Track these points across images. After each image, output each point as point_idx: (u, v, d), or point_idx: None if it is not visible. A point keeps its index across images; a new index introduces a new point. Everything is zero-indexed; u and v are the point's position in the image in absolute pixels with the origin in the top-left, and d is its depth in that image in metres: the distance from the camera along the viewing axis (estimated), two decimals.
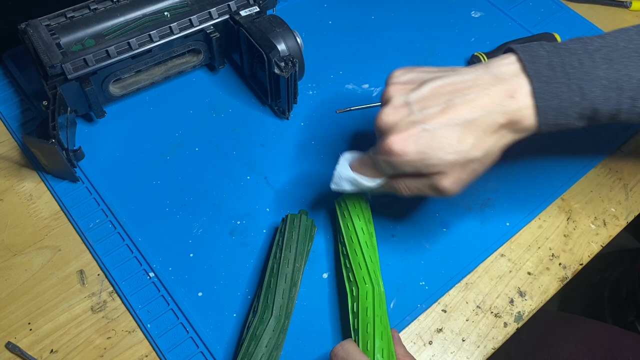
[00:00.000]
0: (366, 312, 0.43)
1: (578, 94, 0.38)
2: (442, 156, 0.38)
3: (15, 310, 0.48)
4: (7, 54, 0.63)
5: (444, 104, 0.39)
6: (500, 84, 0.38)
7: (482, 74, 0.40)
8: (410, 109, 0.39)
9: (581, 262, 0.52)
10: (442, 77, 0.40)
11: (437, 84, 0.40)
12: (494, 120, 0.38)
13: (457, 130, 0.38)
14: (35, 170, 0.56)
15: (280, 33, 0.57)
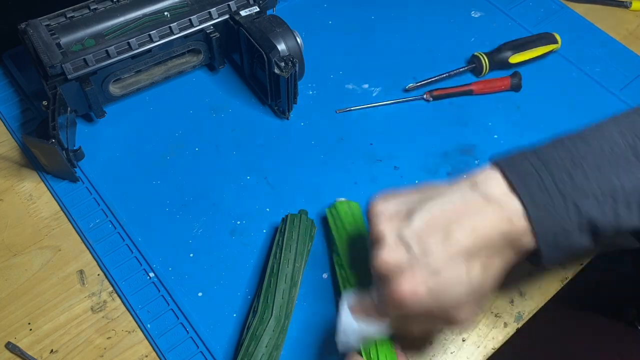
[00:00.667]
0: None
1: (574, 211, 0.36)
2: (455, 294, 0.36)
3: (15, 310, 0.48)
4: (7, 54, 0.63)
5: (442, 237, 0.37)
6: (491, 205, 0.37)
7: (470, 196, 0.38)
8: (408, 248, 0.37)
9: (581, 262, 0.52)
10: (429, 203, 0.38)
11: (427, 214, 0.38)
12: (496, 245, 0.37)
13: (462, 263, 0.36)
14: (35, 170, 0.56)
15: (280, 33, 0.57)
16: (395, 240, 0.38)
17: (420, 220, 0.37)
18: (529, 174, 0.37)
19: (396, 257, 0.37)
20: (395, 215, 0.39)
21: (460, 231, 0.36)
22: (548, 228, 0.36)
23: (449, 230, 0.37)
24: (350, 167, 0.57)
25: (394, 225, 0.38)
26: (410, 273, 0.36)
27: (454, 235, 0.36)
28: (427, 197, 0.39)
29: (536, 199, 0.36)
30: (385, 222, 0.39)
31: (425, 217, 0.37)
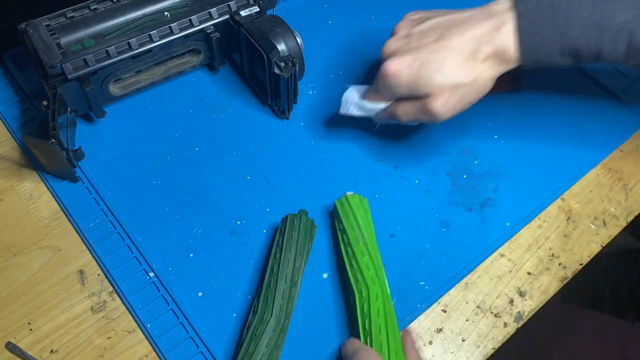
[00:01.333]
0: (377, 313, 0.44)
1: (559, 31, 0.41)
2: (432, 79, 0.44)
3: (15, 310, 0.48)
4: (7, 54, 0.63)
5: (439, 35, 0.44)
6: (490, 18, 0.43)
7: (478, 12, 0.45)
8: (410, 39, 0.46)
9: (581, 262, 0.52)
10: (444, 14, 0.46)
11: (437, 20, 0.46)
12: (482, 50, 0.43)
13: (447, 56, 0.43)
14: (35, 170, 0.56)
15: (280, 33, 0.57)
16: (403, 34, 0.47)
17: (429, 23, 0.46)
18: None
19: (397, 45, 0.47)
20: (415, 20, 0.48)
21: (456, 32, 0.44)
22: (532, 40, 0.42)
23: (447, 31, 0.45)
24: (350, 167, 0.57)
25: (410, 25, 0.48)
26: (400, 55, 0.45)
27: (448, 34, 0.44)
28: (448, 12, 0.47)
29: (529, 14, 0.42)
30: (405, 22, 0.49)
31: (434, 22, 0.46)
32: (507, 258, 0.52)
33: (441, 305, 0.49)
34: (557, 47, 0.42)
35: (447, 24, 0.45)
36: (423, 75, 0.44)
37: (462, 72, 0.44)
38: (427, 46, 0.44)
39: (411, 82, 0.45)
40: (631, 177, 0.58)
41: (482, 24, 0.43)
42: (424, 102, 0.45)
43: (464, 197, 0.55)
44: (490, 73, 0.44)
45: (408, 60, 0.45)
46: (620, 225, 0.55)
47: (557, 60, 0.43)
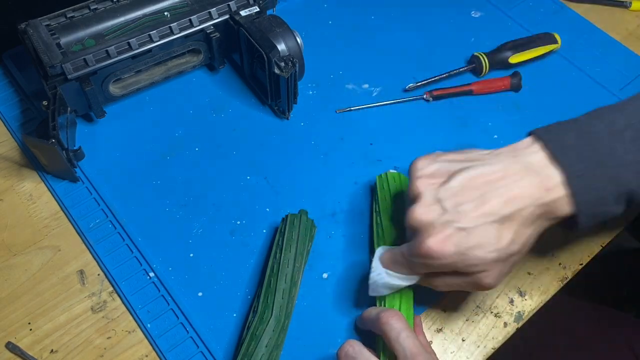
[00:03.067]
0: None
1: (614, 182, 0.37)
2: (483, 255, 0.37)
3: (15, 310, 0.48)
4: (7, 54, 0.63)
5: (477, 200, 0.38)
6: (531, 174, 0.38)
7: (510, 164, 0.39)
8: (443, 207, 0.38)
9: (581, 262, 0.52)
10: (470, 168, 0.39)
11: (466, 176, 0.39)
12: (530, 213, 0.38)
13: (494, 227, 0.37)
14: (35, 170, 0.56)
15: (280, 33, 0.57)
16: (431, 198, 0.39)
17: (459, 182, 0.39)
18: (569, 146, 0.38)
19: (430, 214, 0.39)
20: (435, 175, 0.41)
21: (496, 196, 0.38)
22: (587, 197, 0.37)
23: (485, 194, 0.38)
24: (350, 167, 0.57)
25: (432, 184, 0.40)
26: (440, 229, 0.38)
27: (490, 199, 0.38)
28: (469, 160, 0.40)
29: (576, 169, 0.37)
30: (424, 180, 0.41)
31: (464, 180, 0.39)
32: None
33: (441, 305, 0.49)
34: (613, 199, 0.38)
35: (480, 181, 0.38)
36: (472, 253, 0.37)
37: (513, 241, 0.38)
38: (467, 216, 0.37)
39: (459, 261, 0.38)
40: None
41: (523, 182, 0.38)
42: (475, 278, 0.39)
43: None
44: (538, 232, 0.40)
45: (451, 236, 0.37)
46: (620, 225, 0.55)
47: (613, 210, 0.38)
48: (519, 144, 0.40)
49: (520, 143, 0.40)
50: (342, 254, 0.51)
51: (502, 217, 0.37)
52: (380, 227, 0.49)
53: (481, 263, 0.38)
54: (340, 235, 0.53)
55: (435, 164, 0.41)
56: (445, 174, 0.40)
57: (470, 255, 0.37)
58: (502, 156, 0.39)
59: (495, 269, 0.39)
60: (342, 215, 0.54)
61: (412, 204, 0.40)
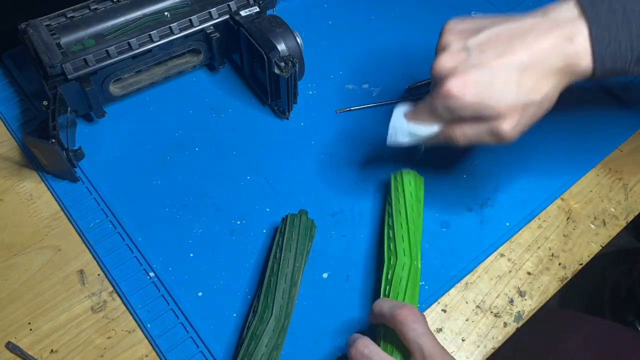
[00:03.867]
0: (400, 282, 0.45)
1: (638, 39, 0.38)
2: (502, 99, 0.39)
3: (15, 310, 0.48)
4: (7, 54, 0.63)
5: (502, 48, 0.39)
6: (558, 28, 0.39)
7: (540, 20, 0.40)
8: (469, 54, 0.40)
9: (581, 262, 0.52)
10: (500, 23, 0.41)
11: (494, 29, 0.40)
12: (552, 64, 0.39)
13: (516, 73, 0.39)
14: (35, 170, 0.56)
15: (280, 33, 0.57)
16: (458, 48, 0.41)
17: (486, 34, 0.40)
18: (601, 2, 0.38)
19: (454, 61, 0.40)
20: (465, 31, 0.42)
21: (522, 47, 0.39)
22: (608, 50, 0.38)
23: (511, 43, 0.39)
24: (350, 167, 0.57)
25: (461, 37, 0.41)
26: (463, 73, 0.39)
27: (513, 47, 0.39)
28: (498, 19, 0.42)
29: (602, 21, 0.38)
30: (454, 34, 0.42)
31: (492, 32, 0.40)
32: (507, 258, 0.52)
33: (441, 305, 0.49)
34: (635, 54, 0.38)
35: (508, 34, 0.40)
36: (492, 96, 0.39)
37: (533, 89, 0.39)
38: (491, 61, 0.39)
39: (478, 102, 0.39)
40: (631, 177, 0.58)
41: (549, 34, 0.39)
42: (492, 124, 0.40)
43: (464, 197, 0.55)
44: (559, 87, 0.41)
45: (473, 78, 0.39)
46: (620, 225, 0.55)
47: (632, 69, 0.40)
48: (553, 4, 0.41)
49: (553, 4, 0.41)
50: (342, 254, 0.51)
51: (524, 65, 0.39)
52: (392, 229, 0.49)
53: (499, 106, 0.39)
54: (340, 235, 0.53)
55: (466, 22, 0.43)
56: (475, 30, 0.41)
57: (490, 96, 0.39)
58: (534, 15, 0.41)
59: (513, 116, 0.39)
60: (342, 215, 0.54)
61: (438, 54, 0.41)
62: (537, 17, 0.40)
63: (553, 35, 0.39)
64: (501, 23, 0.41)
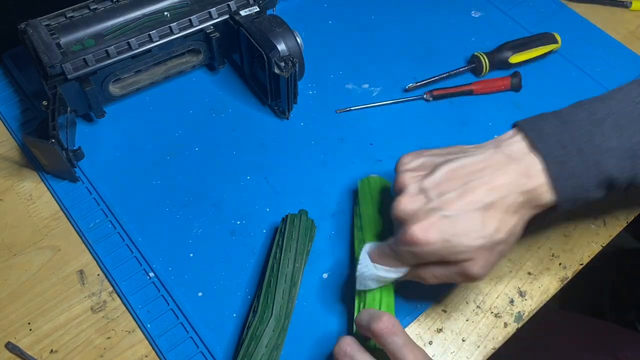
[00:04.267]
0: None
1: (594, 169, 0.38)
2: (468, 242, 0.38)
3: (15, 310, 0.48)
4: (7, 54, 0.63)
5: (460, 188, 0.38)
6: (513, 163, 0.38)
7: (492, 154, 0.39)
8: (427, 196, 0.39)
9: (581, 262, 0.52)
10: (453, 160, 0.40)
11: (449, 167, 0.40)
12: (514, 200, 0.38)
13: (478, 214, 0.38)
14: (35, 170, 0.56)
15: (280, 33, 0.57)
16: (416, 189, 0.40)
17: (442, 172, 0.40)
18: (549, 133, 0.39)
19: (414, 204, 0.39)
20: (420, 168, 0.42)
21: (480, 185, 0.38)
22: (567, 183, 0.38)
23: (469, 183, 0.38)
24: (350, 167, 0.57)
25: (417, 176, 0.41)
26: (425, 217, 0.38)
27: (473, 188, 0.38)
28: (453, 153, 0.41)
29: (556, 155, 0.38)
30: (409, 173, 0.42)
31: (448, 170, 0.40)
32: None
33: (441, 305, 0.49)
34: (594, 184, 0.38)
35: (464, 172, 0.39)
36: (457, 240, 0.38)
37: (498, 229, 0.38)
38: (451, 204, 0.38)
39: (444, 248, 0.38)
40: None
41: (504, 170, 0.38)
42: (462, 267, 0.39)
43: None
44: (523, 221, 0.40)
45: (435, 223, 0.38)
46: (620, 225, 0.55)
47: (593, 195, 0.39)
48: (502, 136, 0.41)
49: (503, 135, 0.41)
50: (342, 254, 0.51)
51: (485, 205, 0.38)
52: (360, 229, 0.49)
53: (467, 250, 0.38)
54: (341, 235, 0.53)
55: (420, 158, 0.42)
56: (429, 167, 0.41)
57: (456, 242, 0.38)
58: (486, 148, 0.41)
59: (481, 257, 0.39)
60: (342, 215, 0.54)
61: (397, 196, 0.41)
62: (488, 151, 0.40)
63: (509, 171, 0.38)
64: (455, 159, 0.40)
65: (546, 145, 0.38)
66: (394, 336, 0.37)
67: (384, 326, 0.37)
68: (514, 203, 0.38)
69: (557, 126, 0.39)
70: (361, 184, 0.52)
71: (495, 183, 0.38)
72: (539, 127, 0.39)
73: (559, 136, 0.38)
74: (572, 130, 0.38)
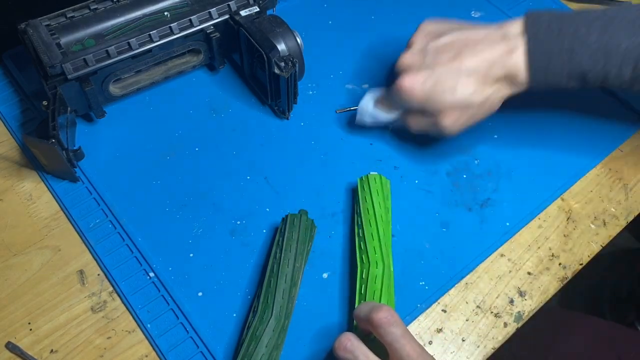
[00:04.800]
0: (375, 280, 0.45)
1: (567, 55, 0.42)
2: (444, 98, 0.45)
3: (15, 310, 0.48)
4: (7, 54, 0.63)
5: (453, 54, 0.45)
6: (504, 41, 0.45)
7: (492, 32, 0.46)
8: (425, 56, 0.47)
9: (581, 262, 0.52)
10: (460, 30, 0.47)
11: (452, 36, 0.47)
12: (494, 72, 0.45)
13: (460, 77, 0.45)
14: (35, 170, 0.56)
15: (280, 33, 0.57)
16: (419, 49, 0.48)
17: (444, 39, 0.47)
18: (543, 21, 0.44)
19: (412, 60, 0.48)
20: (431, 33, 0.49)
21: (470, 54, 0.45)
22: (540, 61, 0.43)
23: (462, 51, 0.45)
24: (350, 167, 0.57)
25: (426, 39, 0.49)
26: (415, 72, 0.47)
27: (463, 54, 0.45)
28: (464, 27, 0.48)
29: (538, 40, 0.43)
30: (422, 35, 0.49)
31: (449, 39, 0.47)
32: (507, 258, 0.52)
33: (441, 305, 0.49)
34: (565, 70, 0.43)
35: (462, 42, 0.46)
36: (435, 94, 0.46)
37: (474, 93, 0.45)
38: (441, 64, 0.46)
39: (424, 99, 0.46)
40: (631, 177, 0.58)
41: (495, 46, 0.45)
42: (435, 118, 0.48)
43: (464, 197, 0.55)
44: (500, 95, 0.47)
45: (422, 77, 0.46)
46: (620, 225, 0.55)
47: (565, 84, 0.44)
48: (508, 20, 0.47)
49: (509, 19, 0.47)
50: (342, 254, 0.51)
51: (468, 70, 0.45)
52: (360, 228, 0.49)
53: (442, 106, 0.46)
54: (340, 235, 0.53)
55: (437, 25, 0.50)
56: (439, 34, 0.48)
57: (433, 96, 0.46)
58: (490, 26, 0.47)
59: (453, 113, 0.47)
60: (342, 215, 0.54)
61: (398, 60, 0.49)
62: (491, 29, 0.46)
63: (499, 47, 0.44)
64: (462, 30, 0.47)
65: (535, 29, 0.43)
66: (392, 327, 0.38)
67: (384, 316, 0.38)
68: (494, 75, 0.45)
69: (552, 18, 0.44)
70: (361, 182, 0.52)
71: (483, 55, 0.45)
72: (538, 16, 0.44)
73: (549, 23, 0.43)
74: (563, 21, 0.43)
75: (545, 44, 0.43)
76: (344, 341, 0.39)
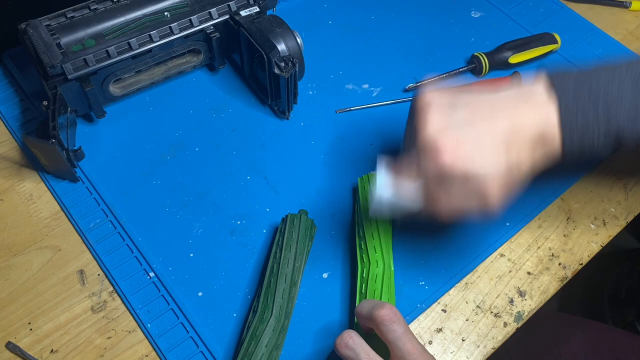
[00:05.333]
0: (375, 279, 0.45)
1: (603, 118, 0.39)
2: (489, 166, 0.39)
3: (16, 310, 0.48)
4: (7, 54, 0.63)
5: (488, 116, 0.40)
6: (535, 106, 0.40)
7: (515, 96, 0.41)
8: (457, 113, 0.40)
9: (581, 262, 0.52)
10: (477, 93, 0.42)
11: (474, 97, 0.41)
12: (531, 139, 0.40)
13: (500, 145, 0.39)
14: (35, 170, 0.56)
15: (280, 33, 0.57)
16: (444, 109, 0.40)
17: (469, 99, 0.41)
18: (569, 81, 0.40)
19: (444, 116, 0.40)
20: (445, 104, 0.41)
21: (504, 118, 0.40)
22: (574, 131, 0.40)
23: (495, 114, 0.40)
24: (350, 167, 0.57)
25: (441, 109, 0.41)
26: (454, 134, 0.39)
27: (498, 118, 0.40)
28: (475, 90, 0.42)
29: (569, 105, 0.40)
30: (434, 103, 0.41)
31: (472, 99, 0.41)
32: (507, 258, 0.52)
33: (441, 305, 0.49)
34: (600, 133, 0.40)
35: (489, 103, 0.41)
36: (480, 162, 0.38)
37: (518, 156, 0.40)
38: (479, 123, 0.39)
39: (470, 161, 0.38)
40: (631, 177, 0.58)
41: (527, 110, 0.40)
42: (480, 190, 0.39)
43: None
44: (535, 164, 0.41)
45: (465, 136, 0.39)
46: (620, 225, 0.55)
47: (600, 148, 0.40)
48: (527, 81, 0.43)
49: (528, 80, 0.43)
50: (342, 254, 0.51)
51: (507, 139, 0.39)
52: (360, 227, 0.49)
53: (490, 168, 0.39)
54: (340, 235, 0.53)
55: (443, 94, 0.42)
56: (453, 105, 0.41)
57: (479, 164, 0.38)
58: (509, 88, 0.42)
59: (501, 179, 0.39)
60: (342, 215, 0.54)
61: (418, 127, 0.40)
62: (512, 92, 0.41)
63: (531, 113, 0.40)
64: (479, 93, 0.41)
65: (564, 96, 0.40)
66: (394, 324, 0.38)
67: (386, 313, 0.38)
68: (530, 141, 0.40)
69: (578, 77, 0.41)
70: (361, 182, 0.52)
71: (517, 119, 0.40)
72: (560, 79, 0.41)
73: (577, 85, 0.40)
74: (590, 82, 0.40)
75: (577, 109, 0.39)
76: (346, 338, 0.39)
